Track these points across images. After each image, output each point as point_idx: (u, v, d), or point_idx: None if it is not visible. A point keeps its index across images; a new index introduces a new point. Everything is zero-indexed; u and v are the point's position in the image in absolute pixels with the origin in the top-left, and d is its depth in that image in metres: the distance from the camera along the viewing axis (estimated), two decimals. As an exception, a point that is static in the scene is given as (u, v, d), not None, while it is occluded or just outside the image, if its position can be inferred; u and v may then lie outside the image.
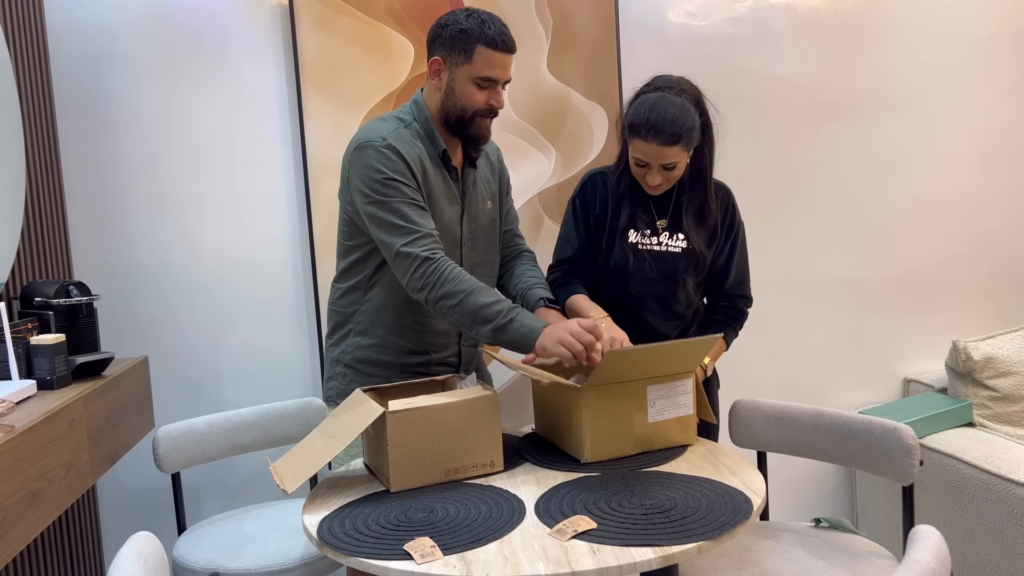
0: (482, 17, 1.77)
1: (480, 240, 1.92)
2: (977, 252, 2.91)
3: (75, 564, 2.24)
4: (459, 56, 1.76)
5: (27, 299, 1.94)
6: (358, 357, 1.89)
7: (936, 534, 1.26)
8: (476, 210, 1.90)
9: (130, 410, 2.00)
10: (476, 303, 1.67)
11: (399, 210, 1.72)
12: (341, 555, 1.35)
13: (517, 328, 1.66)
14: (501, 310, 1.68)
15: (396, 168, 1.74)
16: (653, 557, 1.26)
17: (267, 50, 2.39)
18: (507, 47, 1.77)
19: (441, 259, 1.71)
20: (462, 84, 1.78)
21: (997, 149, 2.89)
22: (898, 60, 2.77)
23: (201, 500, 2.48)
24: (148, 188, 2.37)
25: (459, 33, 1.75)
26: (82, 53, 2.31)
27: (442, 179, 1.83)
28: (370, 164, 1.74)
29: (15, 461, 1.41)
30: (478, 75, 1.77)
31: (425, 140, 1.82)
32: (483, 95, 1.78)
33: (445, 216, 1.84)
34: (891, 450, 1.77)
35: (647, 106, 1.81)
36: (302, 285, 2.47)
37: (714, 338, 1.72)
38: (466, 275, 1.71)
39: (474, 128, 1.81)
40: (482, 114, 1.80)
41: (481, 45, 1.75)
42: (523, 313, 1.69)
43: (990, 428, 2.54)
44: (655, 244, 1.96)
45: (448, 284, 1.68)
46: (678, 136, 1.80)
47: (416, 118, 1.83)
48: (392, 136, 1.77)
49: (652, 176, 1.86)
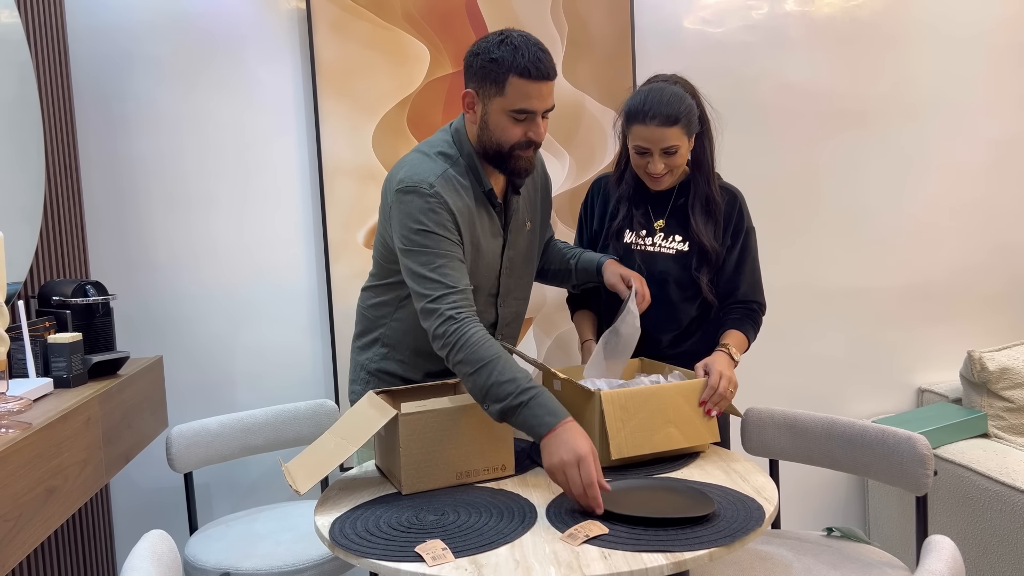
0: (515, 43, 1.63)
1: (518, 265, 1.87)
2: (993, 262, 2.89)
3: (88, 562, 2.26)
4: (491, 88, 1.65)
5: (45, 298, 1.96)
6: (383, 368, 1.88)
7: (951, 544, 1.26)
8: (517, 237, 1.85)
9: (144, 409, 2.01)
10: (488, 380, 1.53)
11: (434, 263, 1.63)
12: (353, 556, 1.35)
13: (528, 415, 1.50)
14: (513, 391, 1.51)
15: (439, 221, 1.65)
16: (665, 563, 1.26)
17: (284, 53, 2.40)
18: (543, 74, 1.63)
19: (465, 320, 1.59)
20: (496, 118, 1.67)
21: (1012, 158, 2.87)
22: (913, 68, 2.76)
23: (213, 500, 2.49)
24: (165, 188, 2.39)
25: (490, 63, 1.63)
26: (101, 55, 2.33)
27: (487, 216, 1.76)
28: (412, 213, 1.65)
29: (32, 458, 1.42)
30: (512, 108, 1.64)
31: (471, 177, 1.73)
32: (520, 128, 1.66)
33: (488, 252, 1.77)
34: (905, 460, 1.76)
35: (642, 93, 1.85)
36: (316, 287, 2.48)
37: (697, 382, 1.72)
38: (487, 342, 1.57)
39: (513, 162, 1.70)
40: (521, 147, 1.69)
41: (514, 75, 1.62)
42: (540, 398, 1.51)
43: (1005, 439, 2.52)
44: (649, 245, 1.95)
45: (466, 350, 1.56)
46: (676, 116, 1.80)
47: (461, 153, 1.74)
48: (440, 182, 1.67)
49: (654, 163, 1.85)
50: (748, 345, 1.94)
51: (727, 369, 1.77)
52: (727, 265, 1.96)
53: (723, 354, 1.82)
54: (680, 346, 1.98)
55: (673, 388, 1.70)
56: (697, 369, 1.78)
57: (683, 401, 1.69)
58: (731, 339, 1.88)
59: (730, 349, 1.84)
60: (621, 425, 1.63)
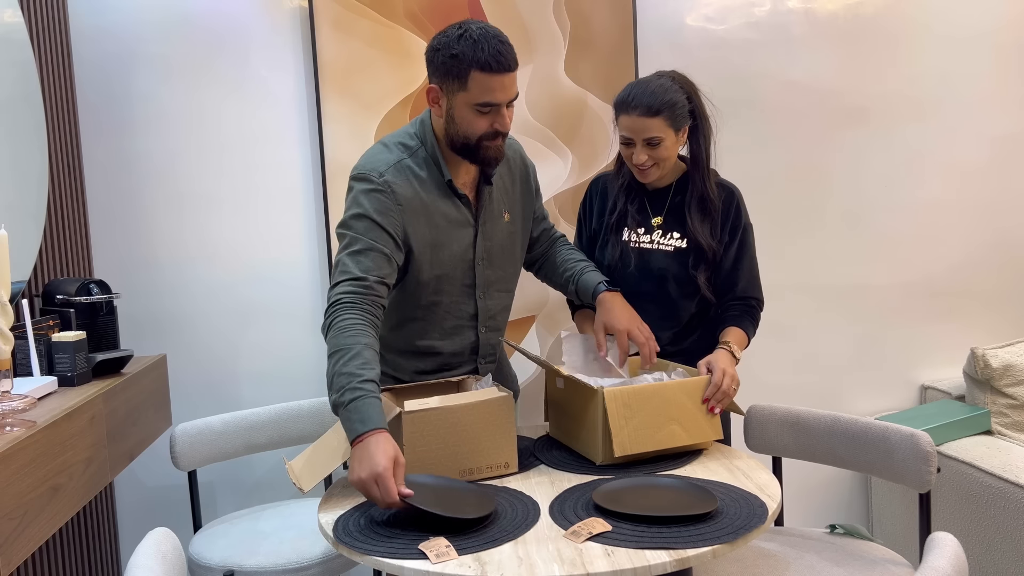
0: (474, 36, 1.62)
1: (496, 256, 1.86)
2: (996, 259, 2.88)
3: (92, 559, 2.27)
4: (454, 83, 1.65)
5: (49, 297, 1.96)
6: None
7: (954, 541, 1.26)
8: (492, 227, 1.83)
9: (148, 408, 2.02)
10: (332, 368, 1.51)
11: (351, 248, 1.64)
12: (357, 554, 1.36)
13: (344, 416, 1.47)
14: (344, 385, 1.48)
15: (380, 208, 1.66)
16: (668, 560, 1.26)
17: (286, 52, 2.41)
18: (504, 66, 1.63)
19: (346, 304, 1.57)
20: (461, 111, 1.67)
21: (1016, 156, 2.86)
22: (916, 65, 2.75)
23: (217, 498, 2.50)
24: (168, 188, 2.40)
25: (451, 60, 1.63)
26: (104, 55, 2.33)
27: (451, 206, 1.77)
28: (357, 198, 1.68)
29: (36, 456, 1.43)
30: (476, 101, 1.65)
31: (431, 167, 1.75)
32: (485, 120, 1.67)
33: (452, 242, 1.77)
34: (908, 457, 1.76)
35: (630, 85, 1.89)
36: (319, 285, 2.48)
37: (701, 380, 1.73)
38: (353, 331, 1.53)
39: (483, 152, 1.71)
40: (488, 138, 1.70)
41: (475, 70, 1.62)
42: (361, 402, 1.46)
43: (1008, 436, 2.52)
44: (646, 242, 1.95)
45: (331, 334, 1.55)
46: (658, 108, 1.81)
47: (424, 143, 1.75)
48: (392, 171, 1.70)
49: (637, 154, 1.86)
50: (748, 342, 1.94)
51: (730, 366, 1.77)
52: (725, 262, 1.95)
53: (725, 351, 1.82)
54: (681, 344, 1.98)
55: (676, 386, 1.70)
56: (700, 367, 1.78)
57: (686, 398, 1.69)
58: (732, 336, 1.88)
59: (731, 346, 1.84)
60: (624, 422, 1.63)
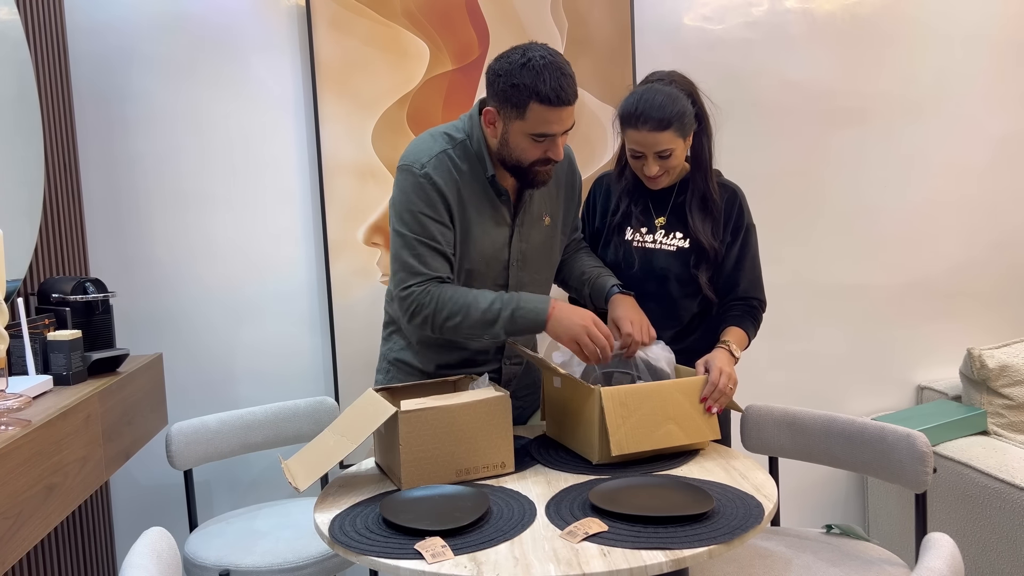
0: (537, 67, 1.63)
1: (531, 259, 1.86)
2: (993, 259, 2.89)
3: (88, 559, 2.26)
4: (512, 111, 1.67)
5: (44, 295, 1.95)
6: (401, 358, 1.92)
7: (950, 542, 1.26)
8: (529, 229, 1.84)
9: (144, 406, 2.01)
10: (478, 313, 1.68)
11: (414, 248, 1.72)
12: (352, 554, 1.35)
13: (523, 313, 1.68)
14: (501, 307, 1.68)
15: (428, 201, 1.72)
16: (664, 560, 1.26)
17: (284, 51, 2.40)
18: (564, 100, 1.66)
19: (431, 287, 1.70)
20: (516, 138, 1.70)
21: (1013, 156, 2.87)
22: (914, 65, 2.75)
23: (213, 497, 2.49)
24: (164, 186, 2.39)
25: (511, 88, 1.65)
26: (101, 53, 2.33)
27: (488, 202, 1.78)
28: (405, 191, 1.74)
29: (31, 455, 1.42)
30: (532, 132, 1.68)
31: (474, 162, 1.76)
32: (539, 148, 1.70)
33: (486, 239, 1.78)
34: (904, 457, 1.76)
35: (635, 96, 1.85)
36: (316, 284, 2.48)
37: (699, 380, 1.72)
38: (457, 291, 1.71)
39: (532, 175, 1.74)
40: (539, 164, 1.73)
41: (535, 102, 1.64)
42: (523, 299, 1.70)
43: (1004, 437, 2.52)
44: (649, 241, 1.95)
45: (449, 306, 1.69)
46: (668, 121, 1.80)
47: (469, 136, 1.77)
48: (433, 163, 1.73)
49: (649, 166, 1.85)
50: (748, 342, 1.94)
51: (728, 366, 1.77)
52: (727, 262, 1.95)
53: (723, 351, 1.82)
54: (682, 343, 1.97)
55: (674, 385, 1.70)
56: (698, 366, 1.78)
57: (683, 398, 1.69)
58: (731, 336, 1.88)
59: (730, 346, 1.84)
60: (621, 422, 1.63)
